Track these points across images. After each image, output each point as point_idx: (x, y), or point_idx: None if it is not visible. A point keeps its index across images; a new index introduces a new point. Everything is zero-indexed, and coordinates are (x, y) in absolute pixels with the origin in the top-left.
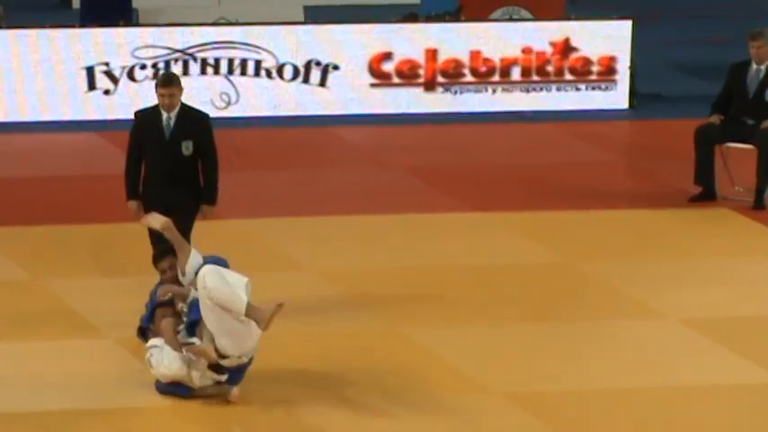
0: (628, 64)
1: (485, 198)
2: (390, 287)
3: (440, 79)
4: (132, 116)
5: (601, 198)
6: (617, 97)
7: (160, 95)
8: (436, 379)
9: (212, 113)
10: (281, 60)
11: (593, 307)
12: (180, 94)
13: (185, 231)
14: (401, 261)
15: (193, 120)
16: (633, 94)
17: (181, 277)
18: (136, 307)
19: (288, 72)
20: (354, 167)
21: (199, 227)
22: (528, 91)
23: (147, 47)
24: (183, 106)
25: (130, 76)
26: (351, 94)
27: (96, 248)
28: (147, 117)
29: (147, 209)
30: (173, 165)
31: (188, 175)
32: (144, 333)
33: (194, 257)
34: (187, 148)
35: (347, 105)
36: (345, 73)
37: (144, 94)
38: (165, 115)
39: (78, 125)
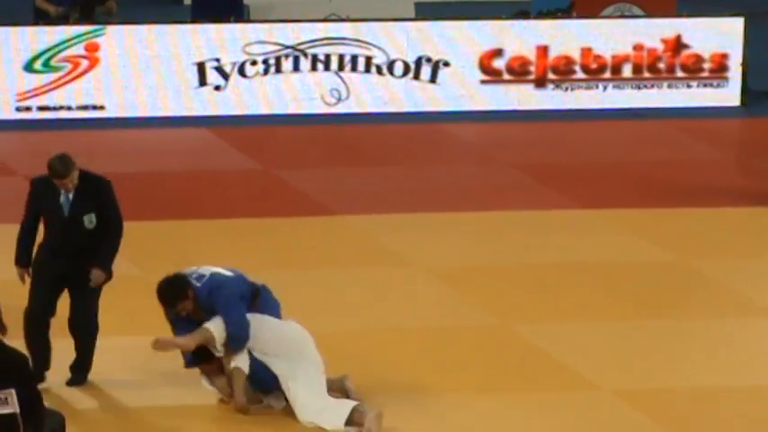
0: (740, 61)
1: (595, 195)
2: (500, 284)
3: (550, 76)
4: (243, 111)
5: (712, 196)
6: (728, 94)
7: (57, 185)
8: (546, 376)
9: (322, 110)
10: (392, 57)
11: (704, 304)
12: (77, 172)
13: (90, 299)
14: (511, 258)
15: (93, 190)
16: (745, 91)
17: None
18: None
19: (398, 68)
20: (464, 164)
21: (306, 223)
22: (639, 88)
23: (257, 43)
24: (81, 176)
25: (241, 72)
26: (461, 90)
27: (208, 243)
28: (44, 188)
29: (44, 275)
30: (75, 238)
31: (93, 246)
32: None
33: (218, 331)
34: (90, 221)
35: (457, 102)
36: (456, 69)
37: (254, 91)
38: (62, 193)
39: (189, 121)
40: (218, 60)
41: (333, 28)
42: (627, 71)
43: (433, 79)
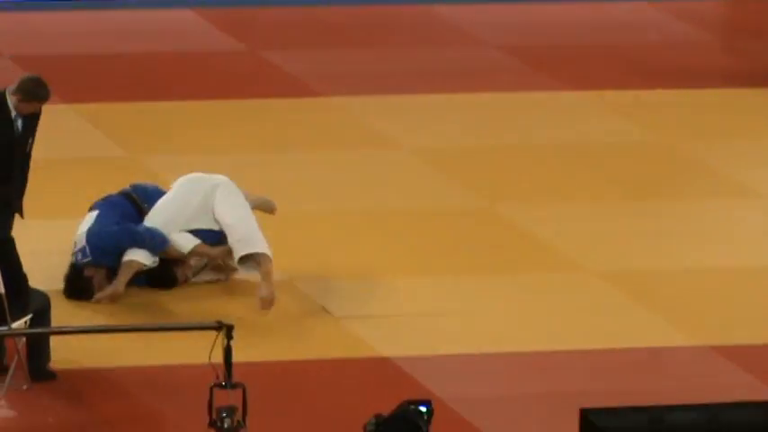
0: None
1: (582, 77)
2: (487, 166)
3: None
4: None
5: (698, 77)
6: None
7: (19, 108)
8: (531, 258)
9: None
10: None
11: (690, 186)
12: None
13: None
14: (498, 140)
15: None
16: None
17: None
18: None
19: None
20: (452, 46)
21: (292, 105)
22: None
23: None
24: None
25: None
26: None
27: (190, 125)
28: None
29: None
30: (23, 164)
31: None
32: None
33: (181, 240)
34: (30, 146)
35: None
36: None
37: None
38: (15, 114)
39: (173, 1)
40: None
41: None
42: None
43: None
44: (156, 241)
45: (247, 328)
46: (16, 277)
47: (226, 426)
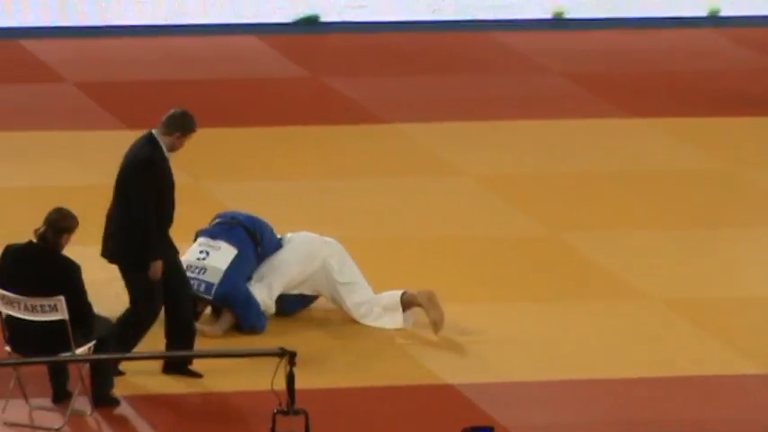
0: None
1: (644, 104)
2: (550, 192)
3: None
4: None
5: (759, 104)
6: None
7: (184, 140)
8: (594, 284)
9: (373, 17)
10: None
11: (753, 214)
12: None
13: None
14: (561, 166)
15: None
16: None
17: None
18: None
19: None
20: (515, 73)
21: (356, 131)
22: None
23: None
24: None
25: None
26: None
27: (253, 151)
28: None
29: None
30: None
31: None
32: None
33: (261, 297)
34: None
35: (509, 10)
36: None
37: None
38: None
39: (237, 28)
40: None
41: None
42: None
43: None
44: (258, 325)
45: (309, 355)
46: (80, 304)
47: None
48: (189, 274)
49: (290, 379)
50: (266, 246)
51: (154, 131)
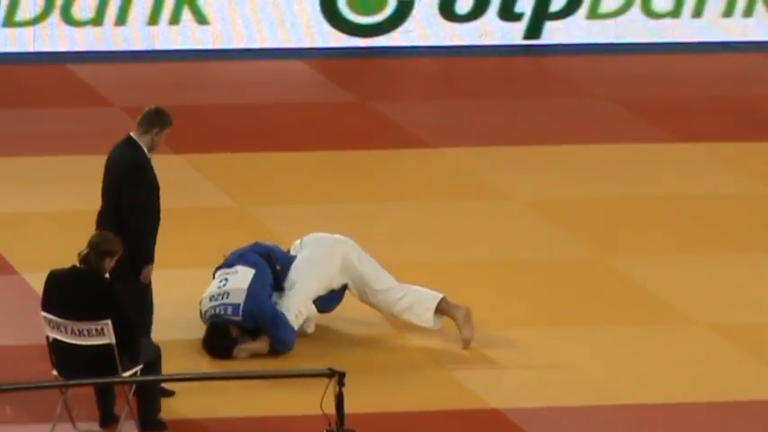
0: None
1: (693, 128)
2: (596, 217)
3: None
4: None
5: None
6: None
7: (163, 136)
8: (640, 309)
9: (417, 42)
10: None
11: None
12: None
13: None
14: (607, 191)
15: None
16: None
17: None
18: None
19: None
20: (561, 97)
21: (402, 156)
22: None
23: None
24: None
25: None
26: (557, 24)
27: (299, 175)
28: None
29: None
30: None
31: None
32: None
33: (297, 304)
34: None
35: (551, 35)
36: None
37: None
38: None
39: (284, 53)
40: None
41: None
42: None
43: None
44: (288, 340)
45: (357, 378)
46: (126, 325)
47: None
48: (213, 303)
49: (340, 400)
50: (282, 260)
51: (132, 134)
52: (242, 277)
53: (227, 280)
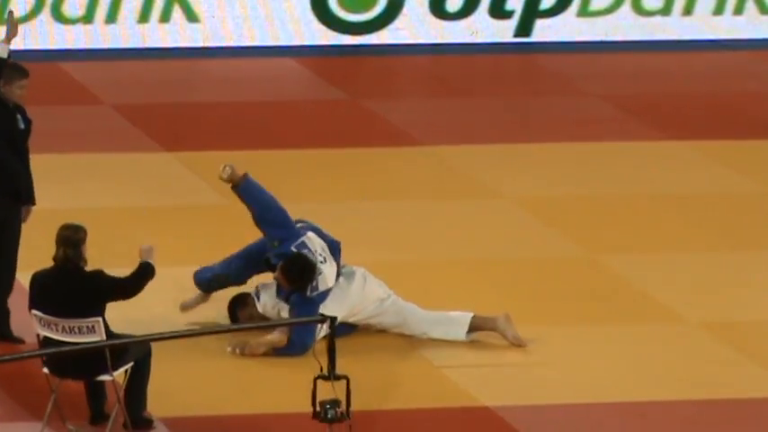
0: None
1: (683, 126)
2: (587, 215)
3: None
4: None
5: None
6: None
7: (19, 87)
8: (632, 308)
9: (409, 40)
10: None
11: None
12: None
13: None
14: (599, 189)
15: None
16: None
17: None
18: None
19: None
20: (552, 95)
21: (393, 154)
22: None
23: None
24: None
25: None
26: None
27: (290, 173)
28: None
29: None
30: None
31: None
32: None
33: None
34: None
35: (543, 32)
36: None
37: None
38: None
39: (274, 50)
40: None
41: None
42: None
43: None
44: (309, 340)
45: (350, 375)
46: (121, 288)
47: (329, 416)
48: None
49: (331, 343)
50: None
51: None
52: (329, 274)
53: (325, 260)
